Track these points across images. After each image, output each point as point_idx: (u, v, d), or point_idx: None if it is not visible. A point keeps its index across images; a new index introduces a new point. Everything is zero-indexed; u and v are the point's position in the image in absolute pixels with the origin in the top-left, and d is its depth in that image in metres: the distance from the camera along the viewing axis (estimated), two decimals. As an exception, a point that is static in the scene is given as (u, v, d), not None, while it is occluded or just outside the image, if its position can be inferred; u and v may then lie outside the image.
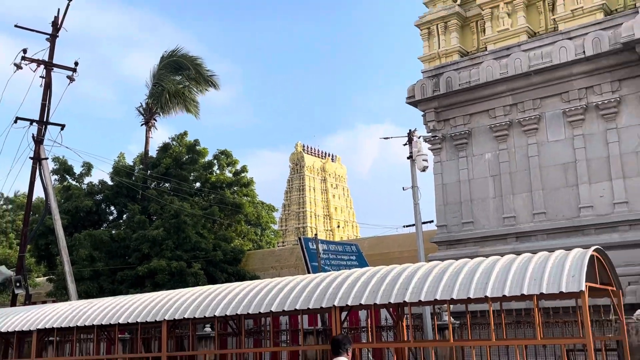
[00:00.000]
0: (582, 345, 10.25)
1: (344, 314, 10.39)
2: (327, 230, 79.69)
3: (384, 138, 18.58)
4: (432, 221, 20.41)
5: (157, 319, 11.20)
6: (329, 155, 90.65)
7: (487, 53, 18.49)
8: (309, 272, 19.75)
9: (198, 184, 28.94)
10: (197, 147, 28.84)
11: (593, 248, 9.24)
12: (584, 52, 16.38)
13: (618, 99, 16.24)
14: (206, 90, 30.27)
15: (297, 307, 9.88)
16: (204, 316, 10.75)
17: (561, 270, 8.65)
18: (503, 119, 18.00)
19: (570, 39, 16.84)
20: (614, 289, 9.85)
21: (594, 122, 16.64)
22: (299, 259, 24.01)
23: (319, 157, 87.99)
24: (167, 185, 27.32)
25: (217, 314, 10.57)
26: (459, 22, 19.54)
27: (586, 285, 8.31)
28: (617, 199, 16.00)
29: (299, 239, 22.60)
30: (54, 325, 12.44)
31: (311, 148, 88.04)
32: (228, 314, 10.52)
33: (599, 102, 16.44)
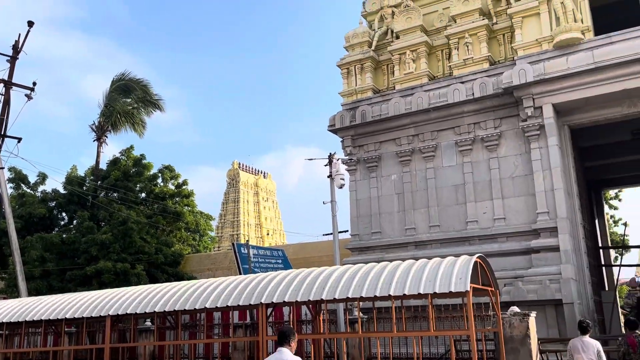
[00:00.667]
0: (466, 336, 10.30)
1: (269, 310, 10.17)
2: (258, 238, 78.54)
3: (309, 159, 18.64)
4: (347, 231, 20.20)
5: (102, 314, 10.70)
6: (261, 172, 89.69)
7: (395, 91, 18.66)
8: (240, 274, 19.24)
9: (143, 195, 27.95)
10: (143, 161, 27.91)
11: (477, 255, 9.35)
12: (472, 94, 16.73)
13: (499, 133, 16.66)
14: (152, 112, 29.37)
15: (229, 304, 9.70)
16: (145, 312, 10.41)
17: (451, 273, 8.74)
18: (407, 147, 18.14)
19: (462, 82, 17.20)
20: (493, 289, 10.05)
21: (479, 151, 16.98)
22: (232, 262, 23.46)
23: (252, 173, 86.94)
24: (115, 195, 26.22)
25: (156, 309, 10.26)
26: (372, 64, 19.63)
27: (470, 286, 8.42)
28: (496, 215, 16.33)
29: (233, 244, 21.96)
30: (4, 320, 11.64)
31: (246, 166, 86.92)
32: (166, 309, 10.22)
33: (484, 136, 16.83)
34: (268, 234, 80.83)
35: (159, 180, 28.96)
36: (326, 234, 25.78)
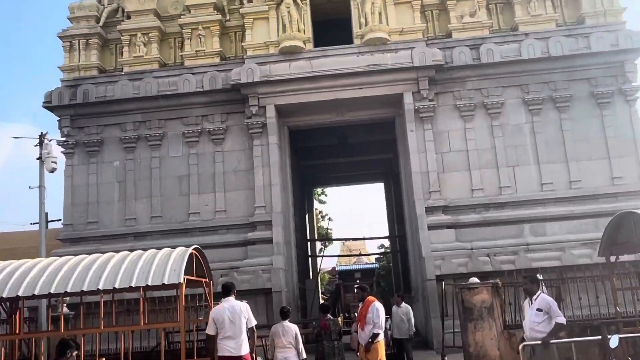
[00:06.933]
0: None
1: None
2: (-55, 225, 61.71)
3: (15, 137, 14.75)
4: (60, 220, 17.24)
5: None
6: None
7: (123, 74, 17.15)
8: None
9: None
10: None
11: (193, 247, 9.13)
12: (202, 86, 16.15)
13: (225, 128, 16.39)
14: None
15: None
16: None
17: (165, 265, 8.41)
18: (132, 133, 16.91)
19: (193, 74, 16.52)
20: (207, 280, 9.89)
21: (206, 144, 16.39)
22: None
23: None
24: None
25: None
26: (99, 41, 17.58)
27: (184, 278, 8.22)
28: (218, 207, 15.96)
29: None
30: None
31: None
32: None
33: (211, 129, 16.41)
34: (-40, 222, 64.28)
35: None
36: (33, 223, 20.76)
